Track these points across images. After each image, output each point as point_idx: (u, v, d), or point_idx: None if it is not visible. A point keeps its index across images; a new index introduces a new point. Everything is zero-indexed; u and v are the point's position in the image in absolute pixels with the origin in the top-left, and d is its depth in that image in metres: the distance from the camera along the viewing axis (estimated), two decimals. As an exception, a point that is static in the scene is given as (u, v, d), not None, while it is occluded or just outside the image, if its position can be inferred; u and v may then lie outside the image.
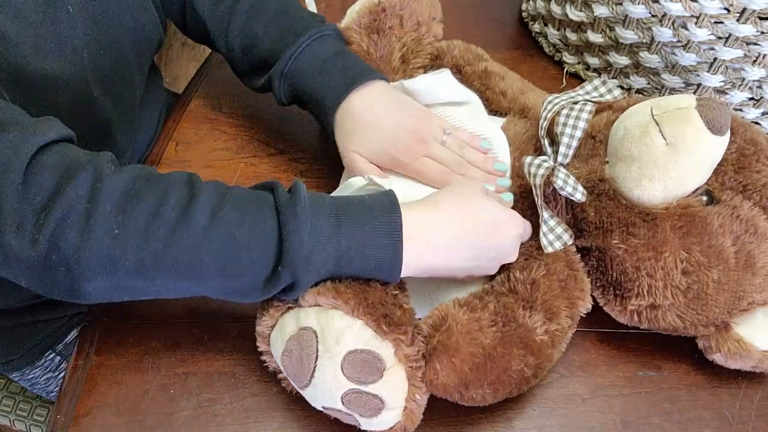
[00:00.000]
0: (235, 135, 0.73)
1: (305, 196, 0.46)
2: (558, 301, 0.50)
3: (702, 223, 0.49)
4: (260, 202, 0.45)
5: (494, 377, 0.46)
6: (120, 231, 0.41)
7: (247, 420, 0.51)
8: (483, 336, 0.46)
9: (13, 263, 0.41)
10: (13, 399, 0.83)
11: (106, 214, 0.41)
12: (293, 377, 0.47)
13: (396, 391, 0.45)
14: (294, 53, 0.60)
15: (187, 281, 0.44)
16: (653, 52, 0.72)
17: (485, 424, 0.51)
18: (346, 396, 0.44)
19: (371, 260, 0.46)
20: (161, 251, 0.42)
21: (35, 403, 0.83)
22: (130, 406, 0.51)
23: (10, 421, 0.82)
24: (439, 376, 0.45)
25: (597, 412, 0.53)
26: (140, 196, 0.42)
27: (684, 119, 0.48)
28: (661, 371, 0.56)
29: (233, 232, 0.43)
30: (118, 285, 0.43)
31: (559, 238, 0.52)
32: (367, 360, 0.44)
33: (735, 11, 0.64)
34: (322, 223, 0.45)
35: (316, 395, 0.46)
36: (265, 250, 0.44)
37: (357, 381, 0.44)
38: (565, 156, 0.55)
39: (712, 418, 0.53)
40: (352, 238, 0.45)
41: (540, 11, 0.86)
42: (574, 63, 0.83)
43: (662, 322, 0.51)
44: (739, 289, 0.49)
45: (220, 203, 0.44)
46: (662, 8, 0.68)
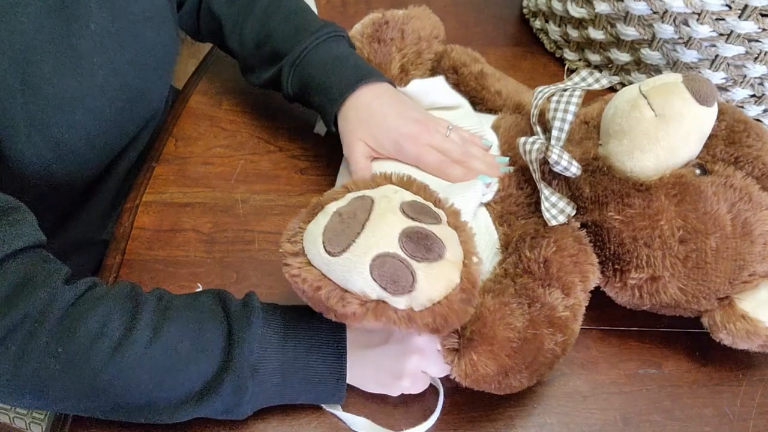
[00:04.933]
0: (234, 132, 0.73)
1: (257, 304, 0.47)
2: (572, 276, 0.50)
3: (696, 191, 0.50)
4: (207, 312, 0.46)
5: (531, 359, 0.46)
6: (63, 350, 0.42)
7: (247, 418, 0.50)
8: (515, 320, 0.46)
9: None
10: (13, 396, 0.83)
11: (50, 334, 0.42)
12: (335, 240, 0.41)
13: (454, 243, 0.42)
14: (309, 46, 0.62)
15: (121, 397, 0.43)
16: (654, 49, 0.72)
17: (485, 422, 0.51)
18: (405, 233, 0.40)
19: (314, 373, 0.47)
20: (101, 370, 0.42)
21: (35, 401, 0.83)
22: (130, 403, 0.51)
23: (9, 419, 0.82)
24: (478, 367, 0.45)
25: (598, 410, 0.53)
26: (85, 317, 0.43)
27: (671, 91, 0.50)
28: (661, 369, 0.56)
29: (176, 346, 0.44)
30: (47, 404, 0.44)
31: (562, 211, 0.52)
32: (424, 208, 0.43)
33: (736, 8, 0.64)
34: (271, 334, 0.46)
35: (368, 242, 0.40)
36: (210, 359, 0.44)
37: (416, 219, 0.41)
38: (558, 139, 0.56)
39: (713, 416, 0.53)
40: (298, 348, 0.46)
41: (541, 8, 0.85)
42: (575, 60, 0.83)
43: (664, 296, 0.51)
44: (739, 258, 0.49)
45: (163, 317, 0.45)
46: (663, 5, 0.67)
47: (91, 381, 0.42)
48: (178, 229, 0.63)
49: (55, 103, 0.50)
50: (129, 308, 0.44)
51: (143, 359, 0.43)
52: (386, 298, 0.40)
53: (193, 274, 0.59)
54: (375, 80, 0.60)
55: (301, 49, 0.62)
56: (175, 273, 0.59)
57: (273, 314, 0.48)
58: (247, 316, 0.46)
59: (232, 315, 0.46)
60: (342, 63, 0.61)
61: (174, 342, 0.44)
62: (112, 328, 0.43)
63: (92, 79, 0.53)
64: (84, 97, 0.52)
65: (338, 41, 0.64)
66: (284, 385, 0.47)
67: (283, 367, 0.46)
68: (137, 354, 0.43)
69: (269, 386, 0.46)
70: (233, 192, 0.67)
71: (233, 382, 0.44)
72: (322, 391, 0.48)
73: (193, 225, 0.63)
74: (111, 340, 0.43)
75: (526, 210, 0.55)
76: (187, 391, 0.44)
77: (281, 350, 0.46)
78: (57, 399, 0.43)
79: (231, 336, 0.45)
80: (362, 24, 0.70)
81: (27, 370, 0.42)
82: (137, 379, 0.43)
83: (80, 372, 0.42)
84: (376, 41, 0.67)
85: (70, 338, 0.42)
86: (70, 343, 0.42)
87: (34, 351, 0.41)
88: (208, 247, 0.61)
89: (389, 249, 0.40)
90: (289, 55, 0.63)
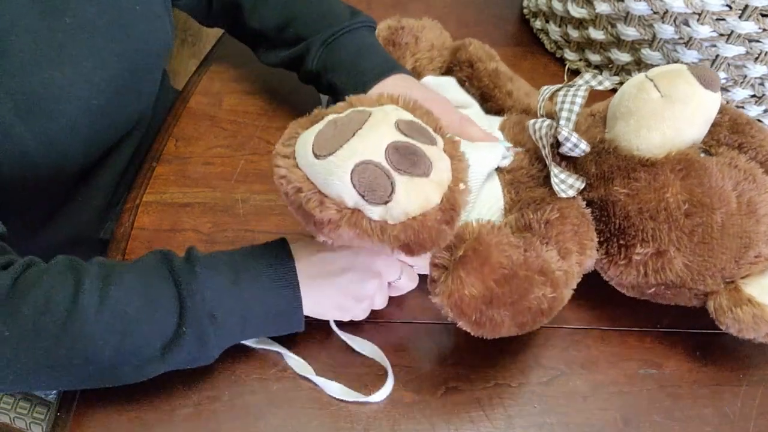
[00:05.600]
0: (235, 132, 0.73)
1: (199, 256, 0.48)
2: (570, 243, 0.50)
3: (701, 167, 0.51)
4: (150, 271, 0.46)
5: (517, 297, 0.45)
6: (10, 333, 0.41)
7: (247, 417, 0.51)
8: (511, 250, 0.46)
9: None
10: (13, 397, 0.83)
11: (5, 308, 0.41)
12: (324, 144, 0.40)
13: (443, 166, 0.41)
14: (344, 28, 0.64)
15: (84, 367, 0.44)
16: (655, 49, 0.72)
17: (485, 421, 0.51)
18: (393, 145, 0.40)
19: (272, 309, 0.48)
20: (55, 344, 0.42)
21: (35, 401, 0.83)
22: (130, 402, 0.51)
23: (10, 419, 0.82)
24: (465, 285, 0.44)
25: (598, 410, 0.53)
26: (26, 295, 0.42)
27: (677, 75, 0.52)
28: (662, 369, 0.56)
29: (124, 308, 0.44)
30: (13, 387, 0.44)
31: (572, 186, 0.53)
32: (421, 129, 0.42)
33: (737, 8, 0.64)
34: (220, 280, 0.46)
35: (355, 148, 0.39)
36: (165, 316, 0.45)
37: (409, 136, 0.41)
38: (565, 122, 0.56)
39: (713, 416, 0.53)
40: (252, 289, 0.47)
41: (541, 8, 0.85)
42: (575, 60, 0.83)
43: (669, 273, 0.51)
44: (745, 235, 0.49)
45: (107, 282, 0.44)
46: (664, 5, 0.67)
47: (47, 357, 0.42)
48: (178, 229, 0.63)
49: (38, 92, 0.50)
50: (70, 279, 0.44)
51: (95, 326, 0.43)
52: (362, 206, 0.40)
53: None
54: (404, 72, 0.63)
55: (335, 30, 0.64)
56: (175, 273, 0.59)
57: (217, 261, 0.48)
58: (192, 268, 0.46)
59: (177, 270, 0.46)
60: (375, 51, 0.64)
61: (122, 304, 0.44)
62: (56, 301, 0.43)
63: (76, 69, 0.53)
64: (68, 87, 0.52)
65: (371, 32, 0.67)
66: (244, 325, 0.48)
67: (239, 308, 0.47)
68: (88, 322, 0.43)
69: (229, 328, 0.47)
70: (233, 192, 0.67)
71: (193, 333, 0.45)
72: (282, 322, 0.49)
73: (193, 225, 0.63)
74: (58, 314, 0.42)
75: (536, 182, 0.56)
76: (148, 349, 0.45)
77: (233, 292, 0.47)
78: (15, 382, 0.43)
79: (180, 289, 0.45)
80: (378, 28, 0.72)
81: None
82: (93, 346, 0.43)
83: (34, 351, 0.42)
84: (391, 44, 0.70)
85: (14, 319, 0.42)
86: (16, 325, 0.42)
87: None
88: (208, 247, 0.61)
89: (373, 157, 0.39)
90: (321, 34, 0.64)
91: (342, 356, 0.54)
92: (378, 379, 0.53)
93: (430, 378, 0.53)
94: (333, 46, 0.64)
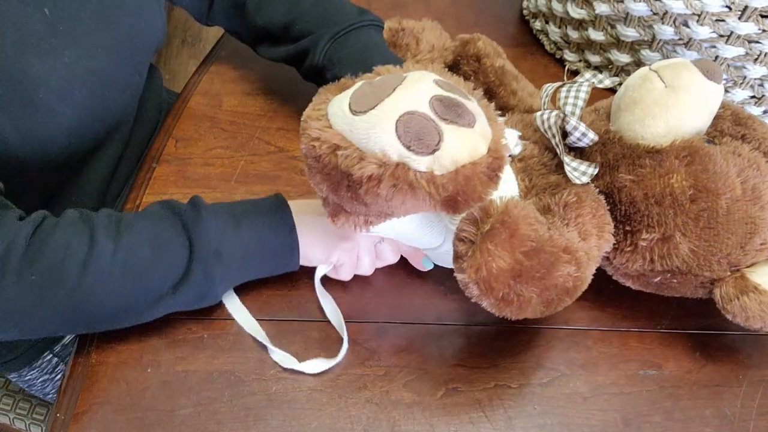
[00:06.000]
0: (234, 133, 0.73)
1: (203, 202, 0.52)
2: (589, 225, 0.50)
3: (706, 154, 0.51)
4: (157, 217, 0.50)
5: (545, 272, 0.44)
6: (35, 276, 0.44)
7: (247, 418, 0.50)
8: (536, 220, 0.45)
9: None
10: (13, 397, 0.83)
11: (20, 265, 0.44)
12: (363, 100, 0.40)
13: (484, 120, 0.41)
14: (354, 24, 0.64)
15: (102, 308, 0.47)
16: (654, 50, 0.72)
17: (485, 422, 0.51)
18: (437, 97, 0.39)
19: (271, 249, 0.52)
20: (76, 287, 0.45)
21: (35, 402, 0.83)
22: (130, 403, 0.51)
23: (9, 420, 0.82)
24: (494, 257, 0.42)
25: (598, 411, 0.53)
26: (47, 242, 0.45)
27: (681, 66, 0.53)
28: (662, 370, 0.56)
29: (137, 251, 0.47)
30: (33, 332, 0.47)
31: (585, 173, 0.53)
32: (458, 89, 0.42)
33: (736, 9, 0.64)
34: (223, 222, 0.51)
35: (398, 100, 0.39)
36: (174, 255, 0.48)
37: (450, 91, 0.40)
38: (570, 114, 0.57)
39: (713, 417, 0.53)
40: (252, 230, 0.51)
41: (541, 9, 0.85)
42: (575, 61, 0.83)
43: (675, 259, 0.51)
44: (750, 221, 0.50)
45: (118, 229, 0.48)
46: (663, 6, 0.67)
47: (68, 300, 0.45)
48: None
49: (16, 79, 0.51)
50: (85, 228, 0.47)
51: (112, 269, 0.46)
52: (408, 158, 0.38)
53: (193, 275, 0.59)
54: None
55: (345, 26, 0.64)
56: (175, 273, 0.59)
57: (219, 206, 0.52)
58: (197, 212, 0.50)
59: (183, 214, 0.50)
60: (382, 49, 0.64)
61: (135, 247, 0.47)
62: (74, 247, 0.45)
63: (56, 60, 0.53)
64: (46, 76, 0.52)
65: (378, 31, 0.67)
66: (246, 265, 0.52)
67: (241, 248, 0.51)
68: (105, 265, 0.46)
69: (233, 267, 0.51)
70: (233, 193, 0.67)
71: (201, 269, 0.49)
72: (279, 262, 0.54)
73: (193, 226, 0.63)
74: (77, 259, 0.45)
75: (548, 169, 0.56)
76: (160, 287, 0.48)
77: (236, 233, 0.51)
78: (40, 325, 0.46)
79: (187, 231, 0.49)
80: None
81: (6, 305, 0.44)
82: (111, 288, 0.46)
83: (56, 294, 0.45)
84: (392, 45, 0.70)
85: (39, 264, 0.44)
86: (41, 268, 0.44)
87: (9, 284, 0.44)
88: (208, 248, 0.61)
89: (418, 108, 0.38)
90: (329, 29, 0.64)
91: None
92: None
93: (431, 379, 0.53)
94: (341, 41, 0.64)
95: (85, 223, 0.48)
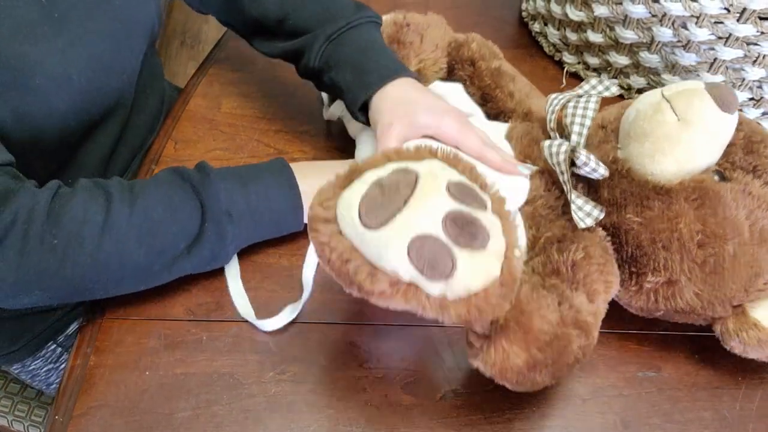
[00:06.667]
0: (233, 134, 0.73)
1: (210, 167, 0.55)
2: (597, 284, 0.50)
3: (716, 196, 0.50)
4: (167, 182, 0.53)
5: (557, 356, 0.45)
6: (57, 241, 0.47)
7: (246, 420, 0.50)
8: (550, 314, 0.45)
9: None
10: (12, 399, 0.83)
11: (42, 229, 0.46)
12: (373, 212, 0.38)
13: (498, 233, 0.40)
14: (351, 23, 0.62)
15: (120, 270, 0.50)
16: (653, 52, 0.72)
17: (485, 425, 0.51)
18: (450, 216, 0.38)
19: (277, 209, 0.56)
20: (96, 250, 0.48)
21: (33, 404, 0.83)
22: (129, 406, 0.51)
23: (8, 422, 0.82)
24: (509, 356, 0.43)
25: (597, 413, 0.53)
26: (66, 208, 0.48)
27: (695, 97, 0.50)
28: (661, 372, 0.56)
29: (151, 214, 0.50)
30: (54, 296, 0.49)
31: (589, 214, 0.52)
32: (471, 192, 0.40)
33: (735, 11, 0.64)
34: (231, 184, 0.54)
35: (409, 221, 0.38)
36: (188, 217, 0.52)
37: (464, 202, 0.39)
38: (577, 144, 0.56)
39: (712, 419, 0.53)
40: (259, 192, 0.55)
41: (540, 11, 0.85)
42: (574, 63, 0.83)
43: (679, 301, 0.51)
44: (756, 265, 0.49)
45: (132, 194, 0.51)
46: (662, 8, 0.67)
47: (89, 263, 0.48)
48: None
49: (12, 65, 0.51)
50: (100, 194, 0.50)
51: (129, 232, 0.49)
52: (420, 281, 0.38)
53: (192, 277, 0.59)
54: (407, 75, 0.60)
55: (340, 25, 0.61)
56: (173, 276, 0.59)
57: (225, 170, 0.55)
58: (206, 175, 0.54)
59: (192, 178, 0.53)
60: (380, 50, 0.62)
61: (150, 210, 0.50)
62: (92, 212, 0.48)
63: (51, 45, 0.53)
64: (42, 62, 0.53)
65: (376, 28, 0.64)
66: (255, 226, 0.55)
67: (250, 209, 0.54)
68: (122, 229, 0.49)
69: (243, 228, 0.54)
70: (232, 195, 0.67)
71: (214, 230, 0.52)
72: (284, 222, 0.57)
73: (192, 228, 0.63)
74: (96, 223, 0.48)
75: (555, 213, 0.55)
76: (175, 248, 0.51)
77: (244, 195, 0.54)
78: (62, 288, 0.49)
79: (198, 194, 0.52)
80: (384, 21, 0.69)
81: (29, 267, 0.46)
82: (128, 250, 0.49)
83: (77, 257, 0.47)
84: (395, 42, 0.67)
85: (60, 229, 0.47)
86: (62, 233, 0.47)
87: (32, 249, 0.46)
88: (207, 250, 0.61)
89: (431, 230, 0.37)
90: (324, 29, 0.62)
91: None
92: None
93: (430, 381, 0.53)
94: (337, 43, 0.61)
95: (99, 190, 0.50)
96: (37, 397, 0.83)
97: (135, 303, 0.57)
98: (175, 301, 0.57)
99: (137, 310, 0.57)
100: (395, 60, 0.62)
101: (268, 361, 0.54)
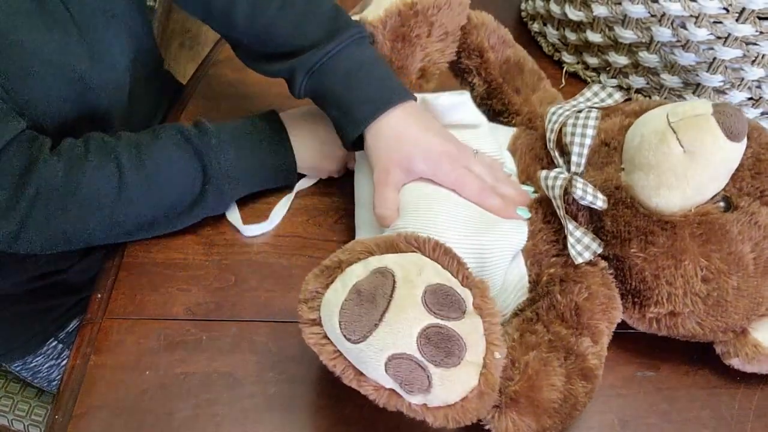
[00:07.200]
0: (233, 135, 0.73)
1: (210, 128, 0.60)
2: (601, 323, 0.50)
3: (721, 230, 0.49)
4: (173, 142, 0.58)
5: (566, 414, 0.46)
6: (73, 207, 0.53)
7: (246, 420, 0.51)
8: (557, 379, 0.46)
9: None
10: (12, 399, 0.83)
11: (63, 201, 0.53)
12: (352, 325, 0.40)
13: (476, 339, 0.40)
14: (329, 52, 0.57)
15: (130, 224, 0.57)
16: (652, 51, 0.72)
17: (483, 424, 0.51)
18: (425, 333, 0.39)
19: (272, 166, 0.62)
20: (112, 210, 0.55)
21: (33, 403, 0.83)
22: (129, 405, 0.51)
23: (8, 421, 0.82)
24: (520, 427, 0.44)
25: (595, 413, 0.53)
26: (80, 173, 0.53)
27: (702, 127, 0.48)
28: (659, 372, 0.56)
29: (159, 176, 0.56)
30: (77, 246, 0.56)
31: (588, 248, 0.51)
32: (449, 294, 0.41)
33: (734, 11, 0.64)
34: (227, 144, 0.59)
35: (385, 339, 0.39)
36: (191, 179, 0.58)
37: (438, 314, 0.40)
38: (578, 165, 0.55)
39: (710, 419, 0.53)
40: (254, 150, 0.61)
41: (539, 11, 0.85)
42: (573, 63, 0.83)
43: (681, 329, 0.51)
44: (758, 295, 0.49)
45: (139, 157, 0.56)
46: (661, 8, 0.68)
47: (108, 220, 0.55)
48: (176, 231, 0.63)
49: (10, 52, 0.52)
50: (111, 157, 0.55)
51: (139, 192, 0.56)
52: (400, 391, 0.40)
53: (192, 277, 0.59)
54: (400, 101, 0.55)
55: (320, 56, 0.56)
56: (173, 276, 0.59)
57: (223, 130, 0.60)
58: (207, 139, 0.59)
59: (192, 140, 0.58)
60: (365, 77, 0.56)
61: (157, 171, 0.56)
62: (106, 177, 0.54)
63: (47, 34, 0.54)
64: (40, 49, 0.54)
65: (360, 44, 0.58)
66: (251, 182, 0.62)
67: (245, 169, 0.60)
68: (133, 192, 0.55)
69: (242, 183, 0.61)
70: (232, 195, 0.67)
71: (214, 190, 0.59)
72: (280, 177, 0.64)
73: (192, 227, 0.63)
74: (111, 187, 0.54)
75: (556, 248, 0.54)
76: (180, 206, 0.58)
77: (241, 157, 0.60)
78: (83, 241, 0.56)
79: (200, 157, 0.58)
80: (387, 11, 0.61)
81: (56, 231, 0.54)
82: (140, 208, 0.57)
83: (96, 217, 0.55)
84: (400, 39, 0.61)
85: (77, 195, 0.53)
86: (80, 200, 0.53)
87: (56, 216, 0.53)
88: (207, 250, 0.62)
89: (406, 350, 0.39)
90: (306, 59, 0.57)
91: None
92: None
93: (428, 381, 0.53)
94: (319, 75, 0.57)
95: (110, 154, 0.55)
96: (37, 397, 0.83)
97: (135, 303, 0.57)
98: (175, 301, 0.57)
99: (137, 310, 0.57)
100: (386, 83, 0.57)
101: (267, 361, 0.54)
